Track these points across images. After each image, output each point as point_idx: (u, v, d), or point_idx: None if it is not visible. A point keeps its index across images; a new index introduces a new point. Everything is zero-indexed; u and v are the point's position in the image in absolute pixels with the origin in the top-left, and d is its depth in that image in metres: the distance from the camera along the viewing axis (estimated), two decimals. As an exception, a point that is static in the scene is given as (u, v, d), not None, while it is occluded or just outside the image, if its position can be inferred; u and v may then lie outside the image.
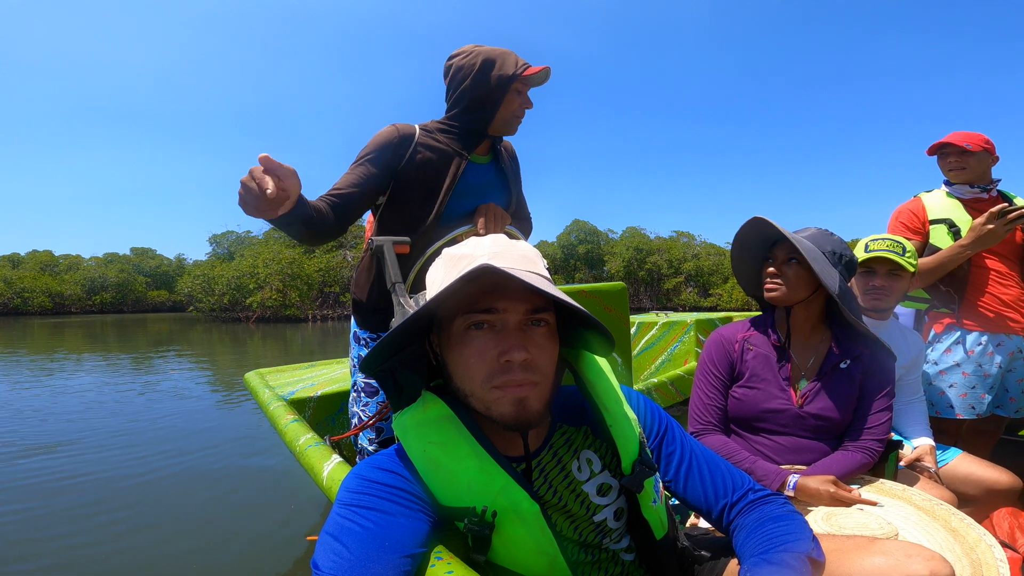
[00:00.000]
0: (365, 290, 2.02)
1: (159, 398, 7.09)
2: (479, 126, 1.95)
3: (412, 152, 1.90)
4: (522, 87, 1.93)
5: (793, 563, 0.87)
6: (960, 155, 2.43)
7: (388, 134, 1.90)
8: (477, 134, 1.97)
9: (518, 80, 1.88)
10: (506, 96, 1.90)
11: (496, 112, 1.92)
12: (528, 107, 1.97)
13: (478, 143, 1.99)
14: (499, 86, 1.88)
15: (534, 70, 1.88)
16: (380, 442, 2.06)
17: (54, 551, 2.86)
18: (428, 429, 0.94)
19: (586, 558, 1.04)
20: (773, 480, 1.50)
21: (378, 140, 1.91)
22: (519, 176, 2.22)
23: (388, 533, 0.84)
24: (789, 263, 1.64)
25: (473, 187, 1.99)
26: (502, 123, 1.96)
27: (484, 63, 1.87)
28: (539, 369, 0.91)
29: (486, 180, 2.03)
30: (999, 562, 1.14)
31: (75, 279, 49.95)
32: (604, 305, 2.37)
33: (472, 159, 2.00)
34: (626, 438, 1.02)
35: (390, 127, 1.92)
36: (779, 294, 1.65)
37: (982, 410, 2.35)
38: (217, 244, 51.12)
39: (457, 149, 1.94)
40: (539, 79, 1.94)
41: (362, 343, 2.09)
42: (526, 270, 0.91)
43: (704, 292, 46.53)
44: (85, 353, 13.28)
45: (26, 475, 4.10)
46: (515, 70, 1.87)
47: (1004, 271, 2.41)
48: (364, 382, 2.07)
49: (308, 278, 36.24)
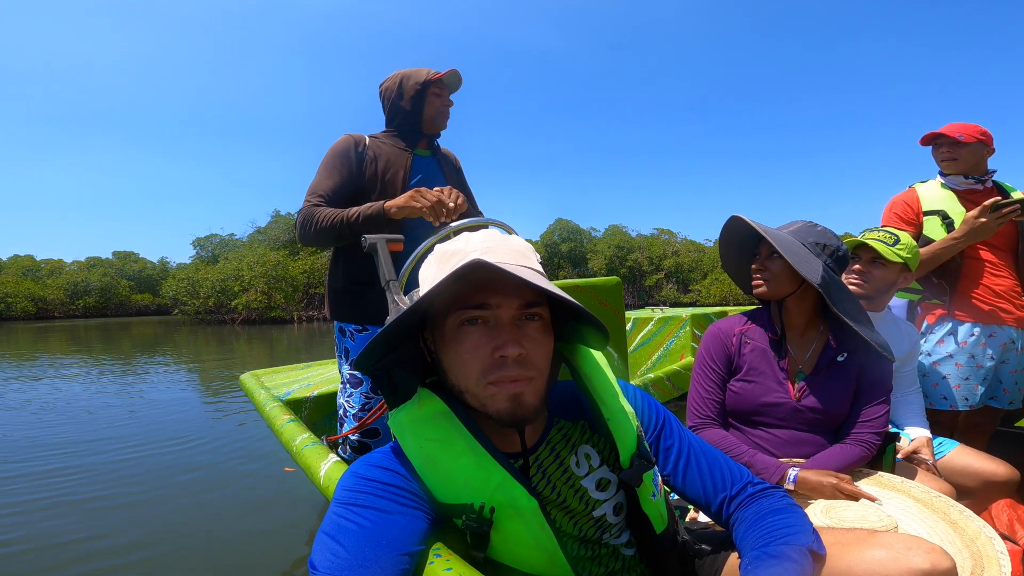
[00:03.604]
0: (332, 277, 2.32)
1: (147, 399, 7.01)
2: (415, 127, 2.33)
3: (366, 153, 2.25)
4: (438, 90, 2.32)
5: (794, 556, 0.86)
6: (952, 146, 2.44)
7: (345, 142, 2.25)
8: (415, 133, 2.34)
9: (432, 84, 2.28)
10: (426, 99, 2.30)
11: (422, 112, 2.31)
12: (449, 105, 2.37)
13: (418, 141, 2.36)
14: (417, 93, 2.28)
15: (440, 74, 2.28)
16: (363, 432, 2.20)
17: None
18: (424, 426, 0.93)
19: (586, 553, 1.03)
20: (772, 473, 1.49)
21: (338, 148, 2.24)
22: (459, 175, 2.58)
23: (385, 531, 0.82)
24: (771, 258, 1.67)
25: (422, 173, 2.34)
26: (430, 120, 2.33)
27: (402, 79, 2.29)
28: (534, 364, 0.90)
29: (430, 168, 2.39)
30: (1000, 554, 1.14)
31: (58, 284, 49.49)
32: (598, 300, 2.37)
33: (418, 152, 2.36)
34: (624, 432, 1.01)
35: (346, 136, 2.28)
36: (765, 289, 1.69)
37: (975, 401, 2.36)
38: (201, 247, 50.80)
39: (403, 147, 2.32)
40: (450, 79, 2.33)
41: (347, 336, 2.29)
42: (519, 264, 0.89)
43: (684, 288, 46.99)
44: (68, 356, 13.14)
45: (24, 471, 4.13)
46: (426, 77, 2.27)
47: (996, 262, 2.41)
48: (349, 373, 2.23)
49: (293, 280, 36.23)
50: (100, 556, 2.78)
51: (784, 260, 1.62)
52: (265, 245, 41.43)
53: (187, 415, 6.10)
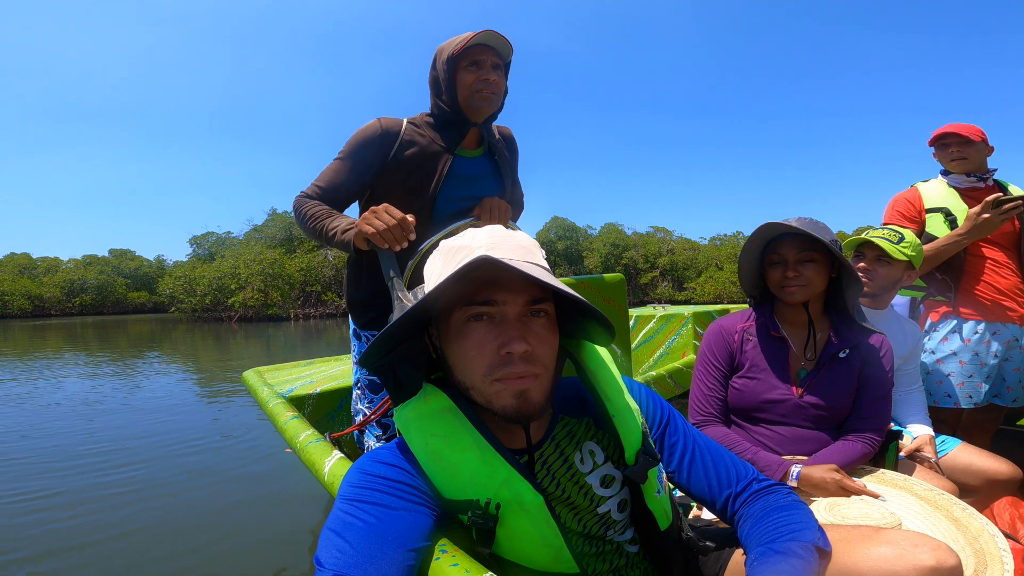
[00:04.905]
0: (353, 286, 2.03)
1: (148, 398, 7.00)
2: (450, 113, 1.90)
3: (397, 148, 1.87)
4: (469, 64, 1.84)
5: (800, 552, 0.86)
6: (962, 145, 2.44)
7: (371, 130, 1.88)
8: (457, 124, 1.92)
9: (462, 58, 1.83)
10: (457, 76, 1.85)
11: (455, 94, 1.86)
12: (487, 80, 1.84)
13: (462, 135, 1.93)
14: (447, 68, 1.84)
15: (465, 41, 1.80)
16: (387, 439, 2.02)
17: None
18: (430, 422, 0.92)
19: (590, 550, 1.02)
20: (776, 471, 1.49)
21: (360, 136, 1.88)
22: (514, 162, 2.18)
23: (390, 527, 0.82)
24: (805, 264, 1.61)
25: (463, 180, 1.95)
26: (466, 104, 1.88)
27: (437, 53, 1.88)
28: (540, 360, 0.90)
29: (478, 172, 1.99)
30: (1002, 552, 1.14)
31: (54, 282, 49.27)
32: (603, 296, 2.36)
33: (462, 153, 1.96)
34: (628, 428, 1.00)
35: (374, 122, 1.89)
36: (802, 294, 1.62)
37: (979, 399, 2.36)
38: (198, 245, 50.64)
39: (442, 145, 1.90)
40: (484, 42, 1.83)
41: (363, 340, 2.07)
42: (524, 260, 0.89)
43: (679, 286, 46.99)
44: (66, 352, 13.10)
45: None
46: (451, 50, 1.82)
47: (1001, 260, 2.42)
48: (367, 379, 2.05)
49: (289, 278, 36.20)
50: (93, 547, 2.82)
51: (816, 264, 1.60)
52: (262, 243, 41.38)
53: (186, 414, 6.10)
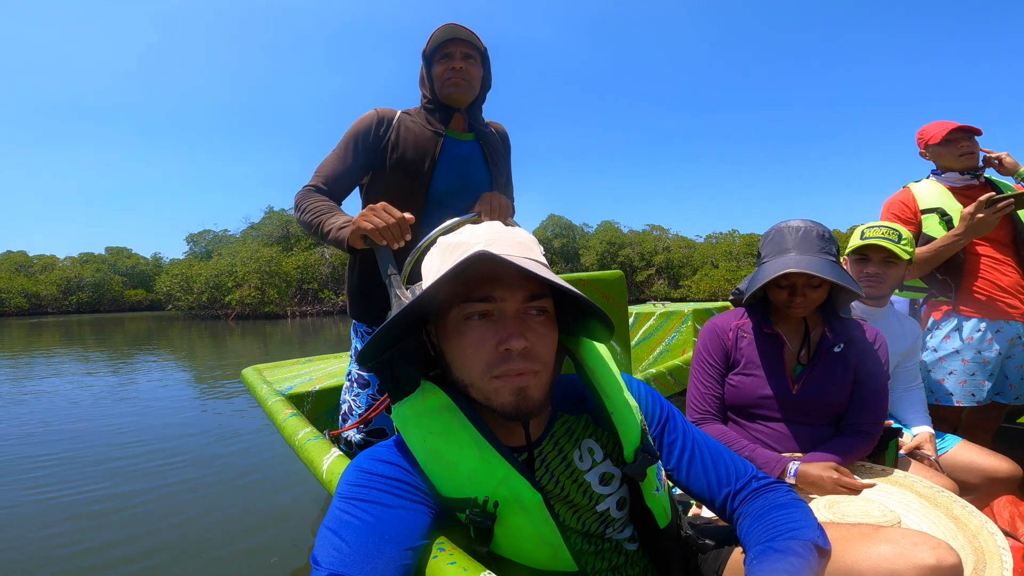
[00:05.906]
0: (350, 279, 2.11)
1: (143, 396, 6.99)
2: (434, 103, 2.04)
3: (392, 133, 2.00)
4: (440, 57, 1.98)
5: (800, 550, 0.86)
6: (971, 139, 2.44)
7: (368, 118, 2.02)
8: (443, 109, 2.05)
9: (434, 54, 1.99)
10: (432, 70, 2.01)
11: (433, 86, 2.02)
12: (456, 69, 1.96)
13: (448, 118, 2.05)
14: (424, 65, 2.04)
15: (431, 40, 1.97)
16: (368, 431, 2.07)
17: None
18: (428, 419, 0.92)
19: (589, 548, 1.02)
20: (774, 468, 1.49)
21: (358, 125, 2.01)
22: (505, 157, 2.26)
23: (388, 526, 0.82)
24: (815, 288, 1.62)
25: (456, 161, 2.05)
26: (441, 93, 2.01)
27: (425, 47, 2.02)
28: (539, 357, 0.89)
29: (469, 155, 2.09)
30: (1002, 550, 1.14)
31: (51, 279, 49.04)
32: (602, 293, 2.35)
33: (452, 134, 2.06)
34: (627, 426, 1.00)
35: (371, 112, 2.03)
36: (806, 312, 1.65)
37: (982, 397, 2.35)
38: (194, 243, 50.44)
39: (433, 129, 2.03)
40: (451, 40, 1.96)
41: (358, 335, 2.13)
42: (523, 256, 0.88)
43: (675, 284, 46.96)
44: (61, 350, 13.08)
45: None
46: (425, 47, 2.00)
47: (1000, 257, 2.41)
48: (357, 373, 2.10)
49: (286, 275, 36.10)
50: (90, 554, 2.79)
51: (822, 289, 1.61)
52: (259, 241, 41.23)
53: (185, 412, 6.07)
